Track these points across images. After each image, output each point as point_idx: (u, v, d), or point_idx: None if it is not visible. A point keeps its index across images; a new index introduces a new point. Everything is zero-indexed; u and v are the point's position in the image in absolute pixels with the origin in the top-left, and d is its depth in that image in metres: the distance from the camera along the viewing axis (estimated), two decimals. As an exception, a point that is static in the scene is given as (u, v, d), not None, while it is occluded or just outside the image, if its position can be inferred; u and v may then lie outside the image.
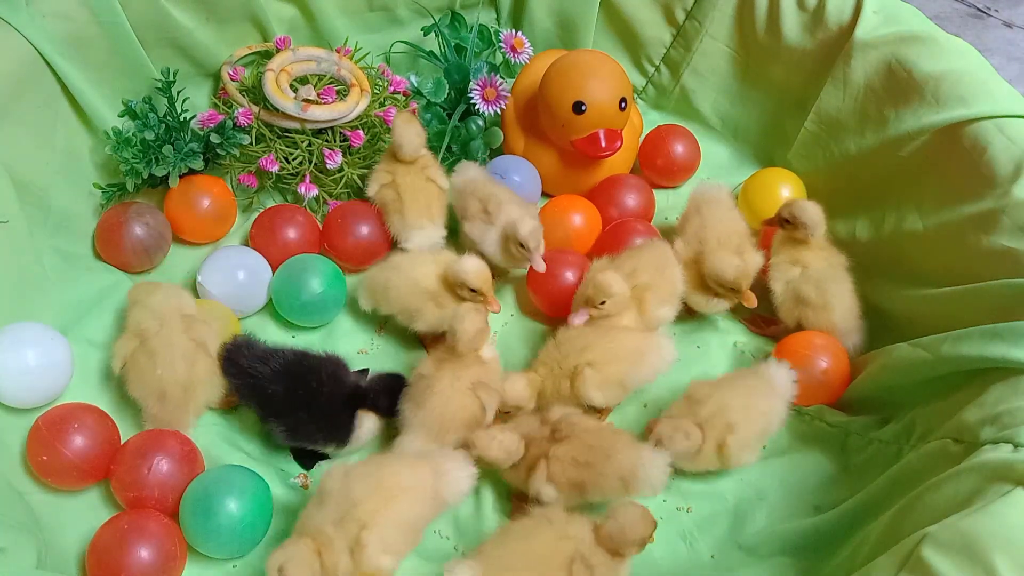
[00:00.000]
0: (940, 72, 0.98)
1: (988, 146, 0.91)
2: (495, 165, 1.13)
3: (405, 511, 0.76)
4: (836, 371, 0.97)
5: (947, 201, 0.96)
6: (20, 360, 0.85)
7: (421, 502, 0.78)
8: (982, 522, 0.63)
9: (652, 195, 1.16)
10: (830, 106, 1.11)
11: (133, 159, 1.01)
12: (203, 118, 1.09)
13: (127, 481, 0.83)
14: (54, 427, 0.83)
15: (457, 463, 0.81)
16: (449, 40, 1.21)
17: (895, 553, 0.67)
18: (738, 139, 1.27)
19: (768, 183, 1.15)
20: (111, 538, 0.79)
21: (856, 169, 1.09)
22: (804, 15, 1.12)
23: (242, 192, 1.14)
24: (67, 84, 0.98)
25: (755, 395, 0.90)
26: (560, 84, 1.08)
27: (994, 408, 0.75)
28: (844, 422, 0.94)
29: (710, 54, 1.23)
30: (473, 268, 0.94)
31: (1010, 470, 0.66)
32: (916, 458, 0.81)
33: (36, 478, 0.84)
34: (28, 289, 0.92)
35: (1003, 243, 0.87)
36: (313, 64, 1.14)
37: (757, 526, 0.89)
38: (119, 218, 1.02)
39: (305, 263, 1.02)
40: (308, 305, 1.01)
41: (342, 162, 1.10)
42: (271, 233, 1.06)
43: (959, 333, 0.82)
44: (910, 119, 1.00)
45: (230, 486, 0.82)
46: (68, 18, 0.98)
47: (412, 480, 0.78)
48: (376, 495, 0.76)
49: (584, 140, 1.08)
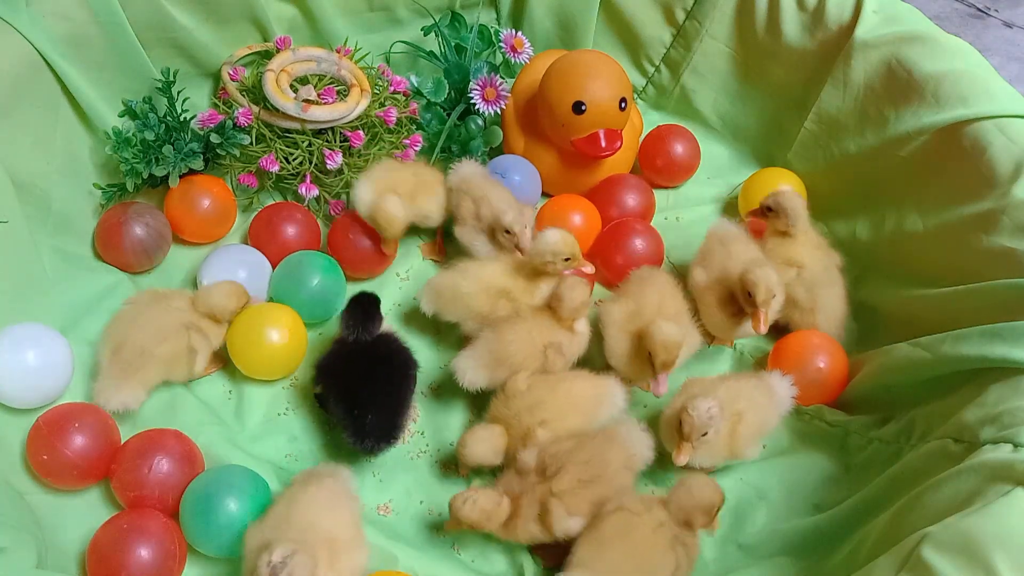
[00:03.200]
0: (940, 72, 0.98)
1: (988, 146, 0.91)
2: (495, 165, 1.13)
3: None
4: (834, 370, 0.97)
5: (947, 201, 0.96)
6: (20, 360, 0.85)
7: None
8: (982, 522, 0.63)
9: (652, 195, 1.16)
10: (830, 106, 1.11)
11: (133, 159, 1.01)
12: (203, 118, 1.09)
13: (127, 481, 0.83)
14: (55, 426, 0.84)
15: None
16: (449, 40, 1.21)
17: (895, 553, 0.67)
18: (738, 139, 1.27)
19: (768, 183, 1.15)
20: (111, 538, 0.79)
21: (856, 169, 1.09)
22: (804, 15, 1.12)
23: (242, 192, 1.14)
24: (67, 84, 0.98)
25: (757, 391, 0.90)
26: (560, 84, 1.08)
27: (994, 408, 0.75)
28: (844, 421, 0.94)
29: (710, 54, 1.23)
30: (559, 237, 0.94)
31: (1010, 470, 0.67)
32: (916, 457, 0.81)
33: (36, 478, 0.84)
34: (28, 289, 0.92)
35: (1003, 243, 0.87)
36: (313, 64, 1.14)
37: (757, 526, 0.89)
38: (119, 218, 1.02)
39: (301, 259, 1.03)
40: (309, 299, 1.01)
41: (342, 162, 1.10)
42: (270, 231, 1.06)
43: (959, 333, 0.83)
44: (910, 119, 1.00)
45: (230, 486, 0.82)
46: (68, 18, 0.98)
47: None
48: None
49: (584, 140, 1.08)
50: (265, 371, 0.97)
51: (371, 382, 0.89)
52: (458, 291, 0.96)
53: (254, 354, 0.95)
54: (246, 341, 0.95)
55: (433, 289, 0.98)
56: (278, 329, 0.95)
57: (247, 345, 0.95)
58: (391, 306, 1.07)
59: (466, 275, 0.97)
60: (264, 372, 0.97)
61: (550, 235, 0.94)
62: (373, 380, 0.89)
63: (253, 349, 0.95)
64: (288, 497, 0.79)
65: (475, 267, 0.99)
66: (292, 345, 0.96)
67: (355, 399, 0.88)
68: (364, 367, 0.90)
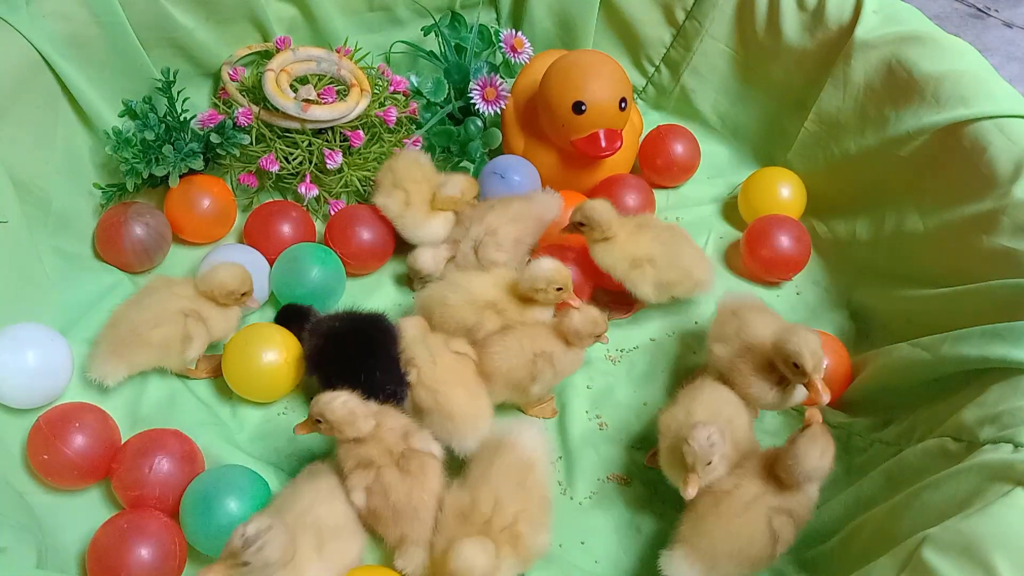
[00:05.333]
0: (940, 72, 0.98)
1: (988, 146, 0.91)
2: (495, 165, 1.13)
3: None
4: (836, 368, 0.97)
5: (947, 201, 0.96)
6: (20, 360, 0.85)
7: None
8: (982, 523, 0.63)
9: (652, 195, 1.16)
10: (830, 106, 1.11)
11: (133, 159, 1.01)
12: (203, 118, 1.09)
13: (128, 480, 0.83)
14: (55, 426, 0.84)
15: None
16: (449, 40, 1.21)
17: (896, 555, 0.67)
18: (738, 139, 1.27)
19: (768, 183, 1.15)
20: (111, 538, 0.79)
21: (856, 169, 1.09)
22: (804, 15, 1.12)
23: (242, 192, 1.14)
24: (67, 84, 0.98)
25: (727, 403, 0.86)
26: (560, 84, 1.08)
27: (994, 408, 0.75)
28: (846, 423, 0.94)
29: (710, 54, 1.23)
30: (554, 266, 0.93)
31: (1010, 470, 0.67)
32: (913, 454, 0.81)
33: (36, 478, 0.85)
34: (28, 289, 0.92)
35: (1003, 243, 0.87)
36: (313, 64, 1.14)
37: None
38: (119, 218, 1.02)
39: (298, 252, 1.02)
40: (309, 291, 1.01)
41: (342, 162, 1.10)
42: (266, 229, 1.06)
43: (959, 333, 0.83)
44: (910, 119, 1.00)
45: (230, 486, 0.82)
46: (68, 18, 0.98)
47: None
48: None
49: (584, 140, 1.08)
50: (260, 394, 0.95)
51: (364, 346, 0.90)
52: (445, 303, 0.95)
53: (249, 377, 0.93)
54: (240, 364, 0.93)
55: (422, 303, 0.97)
56: (274, 351, 0.93)
57: (241, 369, 0.93)
58: (392, 306, 1.07)
59: (455, 288, 0.97)
60: (259, 395, 0.95)
61: (545, 263, 0.93)
62: (364, 344, 0.90)
63: (248, 373, 0.93)
64: (292, 484, 0.81)
65: (464, 279, 0.98)
66: (286, 369, 0.94)
67: (357, 367, 0.88)
68: (351, 339, 0.91)
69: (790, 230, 1.09)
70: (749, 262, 1.11)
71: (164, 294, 0.93)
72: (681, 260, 1.00)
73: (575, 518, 0.89)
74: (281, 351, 0.93)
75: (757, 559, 0.77)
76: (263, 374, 0.93)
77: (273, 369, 0.93)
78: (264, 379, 0.93)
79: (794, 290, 1.11)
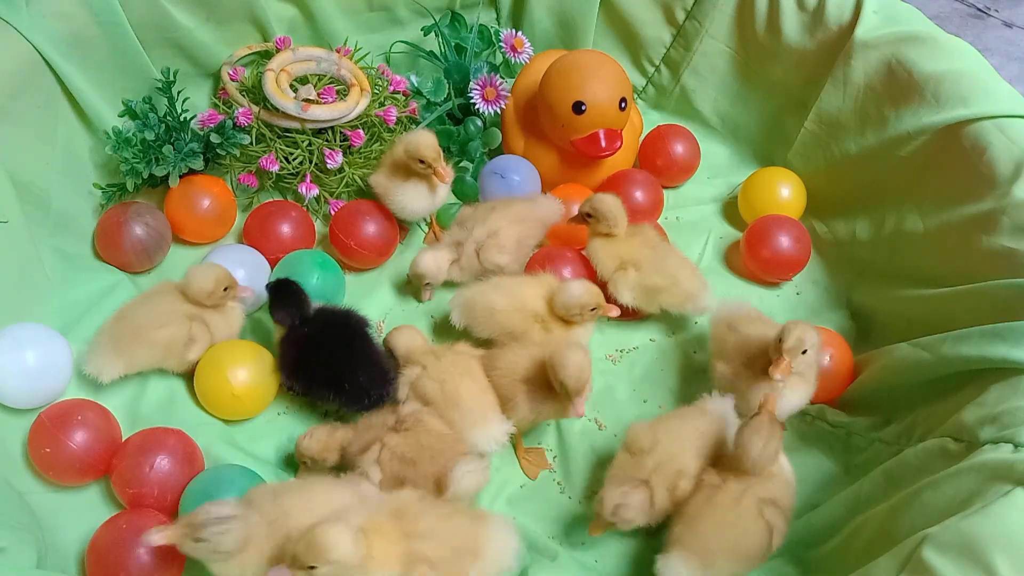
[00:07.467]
0: (940, 72, 0.98)
1: (988, 146, 0.91)
2: (495, 165, 1.13)
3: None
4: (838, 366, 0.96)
5: (947, 201, 0.96)
6: (20, 360, 0.86)
7: None
8: (982, 523, 0.63)
9: (660, 191, 1.16)
10: (830, 106, 1.11)
11: (133, 159, 1.01)
12: (203, 118, 1.09)
13: (128, 478, 0.83)
14: (58, 420, 0.84)
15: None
16: (449, 40, 1.21)
17: (896, 555, 0.67)
18: (738, 139, 1.27)
19: (768, 183, 1.15)
20: (111, 537, 0.79)
21: (856, 169, 1.09)
22: (804, 15, 1.12)
23: (242, 192, 1.14)
24: (67, 84, 0.98)
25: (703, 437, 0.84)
26: (560, 84, 1.08)
27: (994, 408, 0.75)
28: (846, 423, 0.94)
29: (710, 54, 1.23)
30: (583, 289, 0.94)
31: (1010, 470, 0.67)
32: (912, 454, 0.81)
33: (37, 477, 0.85)
34: (28, 289, 0.92)
35: (1003, 243, 0.87)
36: (313, 64, 1.14)
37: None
38: (119, 218, 1.02)
39: (299, 257, 1.02)
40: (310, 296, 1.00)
41: (342, 162, 1.10)
42: (266, 229, 1.06)
43: (959, 333, 0.83)
44: (910, 119, 1.00)
45: (230, 486, 0.82)
46: (68, 18, 0.98)
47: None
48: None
49: (584, 140, 1.08)
50: (232, 413, 0.94)
51: (341, 349, 0.90)
52: (492, 307, 0.96)
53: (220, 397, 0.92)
54: (211, 384, 0.92)
55: (466, 302, 0.97)
56: (243, 370, 0.92)
57: (213, 388, 0.92)
58: (392, 306, 1.07)
59: (503, 291, 0.96)
60: (231, 414, 0.94)
61: (575, 288, 0.94)
62: (341, 347, 0.90)
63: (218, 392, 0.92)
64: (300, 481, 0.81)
65: (513, 284, 0.98)
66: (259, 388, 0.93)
67: (337, 372, 0.89)
68: (326, 342, 0.91)
69: (790, 230, 1.09)
70: (749, 262, 1.11)
71: (172, 296, 0.93)
72: (667, 266, 1.00)
73: (575, 518, 0.90)
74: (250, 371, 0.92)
75: (753, 553, 0.77)
76: (237, 399, 0.92)
77: (245, 390, 0.92)
78: (239, 403, 0.92)
79: (794, 290, 1.11)
